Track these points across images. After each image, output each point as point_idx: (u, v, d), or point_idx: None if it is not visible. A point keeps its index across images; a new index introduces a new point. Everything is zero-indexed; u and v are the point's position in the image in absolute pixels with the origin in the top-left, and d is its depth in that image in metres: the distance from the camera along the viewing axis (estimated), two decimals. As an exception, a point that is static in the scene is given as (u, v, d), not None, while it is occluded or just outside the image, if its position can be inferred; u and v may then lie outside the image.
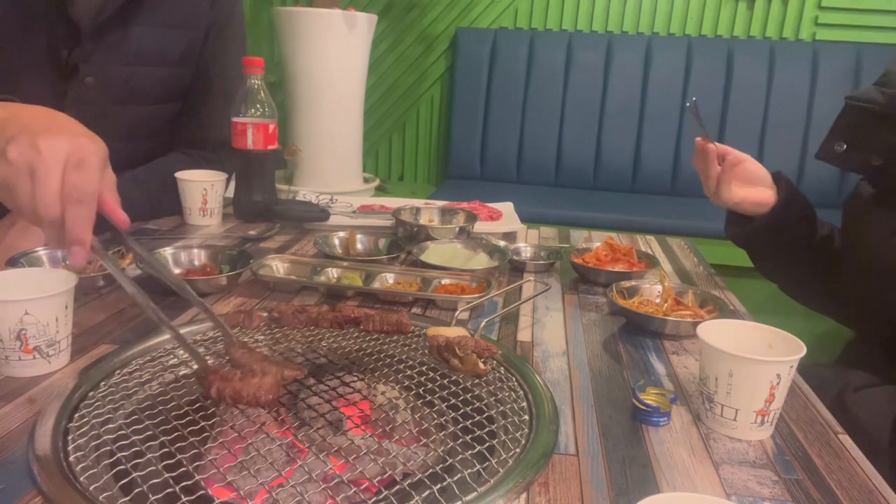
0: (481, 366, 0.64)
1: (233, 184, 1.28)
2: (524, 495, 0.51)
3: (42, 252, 0.90)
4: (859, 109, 0.91)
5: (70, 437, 0.53)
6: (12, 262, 0.85)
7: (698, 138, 0.98)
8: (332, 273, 0.95)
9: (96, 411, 0.57)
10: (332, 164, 2.49)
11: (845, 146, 0.92)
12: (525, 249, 1.12)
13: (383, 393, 0.64)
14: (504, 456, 0.53)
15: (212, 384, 0.58)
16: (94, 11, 1.07)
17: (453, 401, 0.61)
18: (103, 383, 0.62)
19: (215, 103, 1.30)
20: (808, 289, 1.08)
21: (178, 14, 1.19)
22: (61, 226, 0.56)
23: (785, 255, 1.01)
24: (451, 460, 0.52)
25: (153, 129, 1.25)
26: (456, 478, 0.49)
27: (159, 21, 1.16)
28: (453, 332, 0.68)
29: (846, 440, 0.62)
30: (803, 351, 0.60)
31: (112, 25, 1.10)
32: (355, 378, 0.66)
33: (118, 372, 0.64)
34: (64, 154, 0.56)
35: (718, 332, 0.62)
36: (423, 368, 0.67)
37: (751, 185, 0.97)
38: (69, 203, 0.55)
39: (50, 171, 0.55)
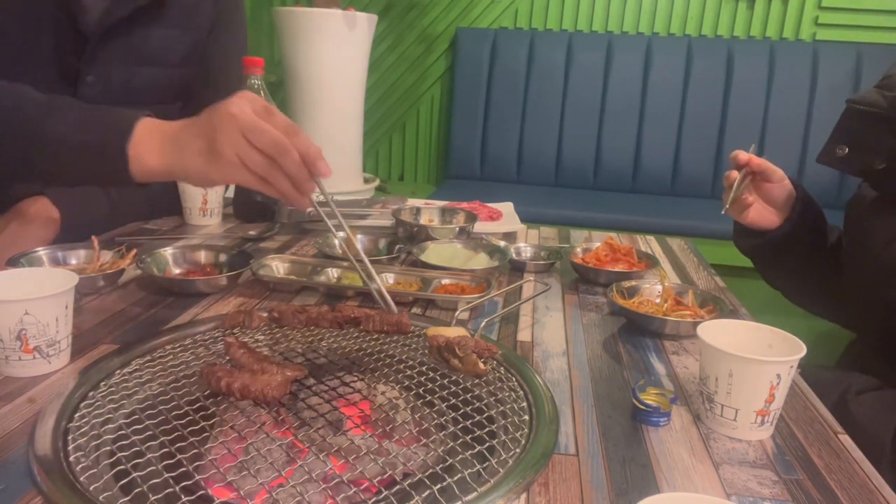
0: (481, 366, 0.64)
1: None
2: (524, 495, 0.51)
3: (42, 252, 0.90)
4: (860, 113, 0.90)
5: (70, 437, 0.53)
6: (12, 262, 0.85)
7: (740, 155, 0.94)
8: (332, 273, 0.95)
9: (96, 411, 0.57)
10: (332, 164, 2.44)
11: (847, 150, 0.91)
12: (525, 249, 1.12)
13: (383, 393, 0.64)
14: (504, 456, 0.54)
15: (220, 378, 0.58)
16: (103, 18, 1.07)
17: (453, 401, 0.61)
18: (103, 383, 0.62)
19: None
20: (813, 296, 1.07)
21: (184, 15, 1.18)
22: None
23: (792, 267, 1.01)
24: (451, 460, 0.52)
25: None
26: (456, 478, 0.49)
27: (165, 23, 1.15)
28: (453, 332, 0.68)
29: (846, 440, 0.62)
30: (803, 351, 0.60)
31: (118, 28, 1.09)
32: (355, 378, 0.66)
33: (118, 372, 0.64)
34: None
35: (718, 332, 0.62)
36: (423, 368, 0.67)
37: (767, 210, 0.97)
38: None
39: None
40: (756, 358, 0.58)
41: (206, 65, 1.26)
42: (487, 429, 0.56)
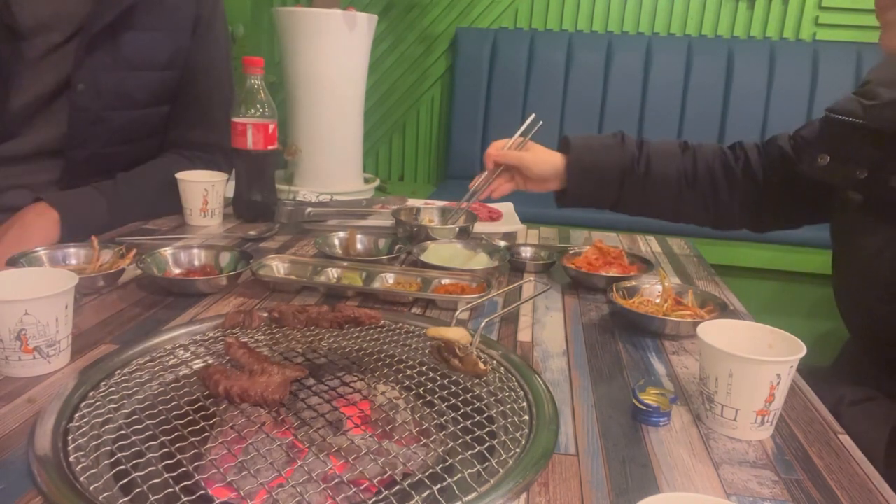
0: (481, 366, 0.64)
1: (232, 184, 1.28)
2: (524, 495, 0.51)
3: (42, 252, 0.90)
4: (839, 122, 0.89)
5: (70, 438, 0.53)
6: (12, 262, 0.85)
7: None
8: (333, 273, 0.95)
9: (96, 411, 0.57)
10: (333, 165, 2.49)
11: (828, 158, 0.90)
12: (525, 250, 1.12)
13: (383, 393, 0.64)
14: (504, 456, 0.54)
15: (218, 382, 0.58)
16: (89, 25, 1.08)
17: (453, 401, 0.61)
18: (103, 383, 0.62)
19: (204, 105, 1.30)
20: (668, 212, 1.12)
21: (167, 17, 1.19)
22: None
23: (620, 199, 1.10)
24: (451, 460, 0.52)
25: (144, 132, 1.26)
26: (456, 478, 0.49)
27: (149, 26, 1.16)
28: (454, 332, 0.67)
29: (846, 440, 0.62)
30: (803, 351, 0.60)
31: (104, 34, 1.10)
32: (355, 378, 0.66)
33: (118, 372, 0.64)
34: None
35: (718, 332, 0.62)
36: (423, 368, 0.67)
37: (541, 183, 1.10)
38: None
39: None
40: (756, 358, 0.58)
41: (192, 67, 1.27)
42: (487, 429, 0.56)
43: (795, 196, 1.03)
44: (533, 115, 1.11)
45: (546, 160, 1.08)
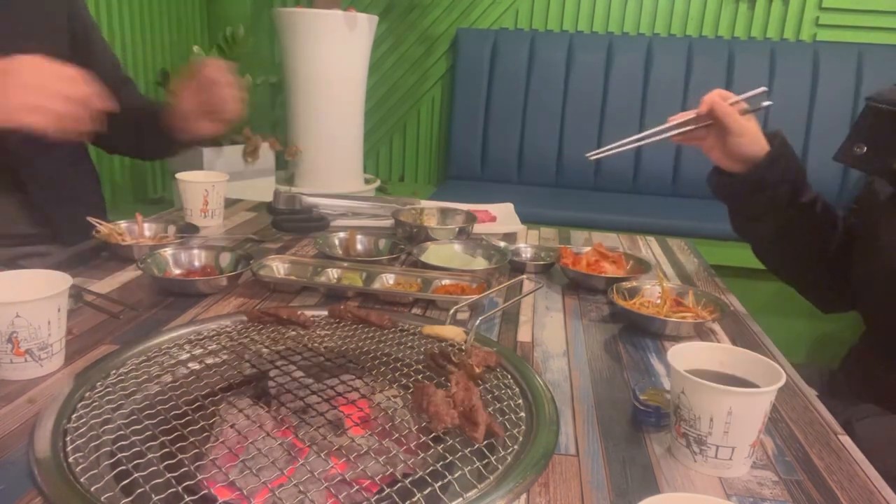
0: (477, 370, 0.64)
1: (232, 185, 1.26)
2: (524, 495, 0.51)
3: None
4: (880, 111, 0.89)
5: (69, 438, 0.53)
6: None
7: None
8: (333, 274, 0.94)
9: (95, 412, 0.57)
10: (333, 165, 2.49)
11: (865, 148, 0.90)
12: (525, 250, 1.12)
13: (383, 392, 0.64)
14: (503, 453, 0.53)
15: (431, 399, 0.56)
16: None
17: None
18: (100, 384, 0.62)
19: (103, 57, 1.21)
20: (781, 257, 1.04)
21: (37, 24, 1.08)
22: None
23: (759, 213, 0.98)
24: (451, 458, 0.52)
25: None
26: (456, 475, 0.49)
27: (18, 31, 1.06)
28: (448, 331, 0.67)
29: (846, 441, 0.62)
30: (782, 374, 0.55)
31: None
32: (355, 378, 0.66)
33: (118, 372, 0.64)
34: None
35: (681, 363, 0.57)
36: (422, 367, 0.67)
37: (729, 160, 0.95)
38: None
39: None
40: (761, 390, 0.54)
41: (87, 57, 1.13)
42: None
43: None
44: (764, 89, 0.96)
45: (759, 142, 0.94)
